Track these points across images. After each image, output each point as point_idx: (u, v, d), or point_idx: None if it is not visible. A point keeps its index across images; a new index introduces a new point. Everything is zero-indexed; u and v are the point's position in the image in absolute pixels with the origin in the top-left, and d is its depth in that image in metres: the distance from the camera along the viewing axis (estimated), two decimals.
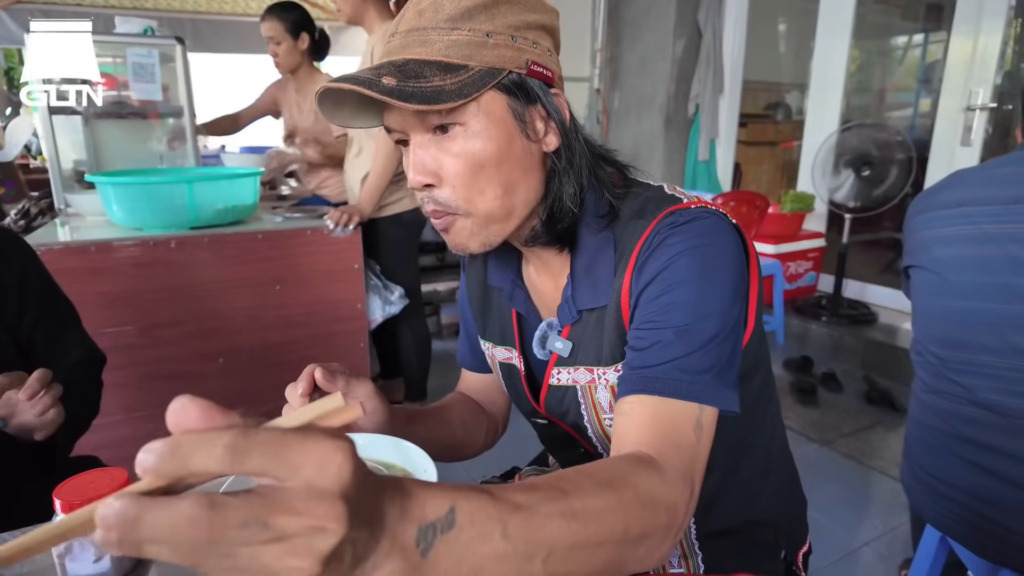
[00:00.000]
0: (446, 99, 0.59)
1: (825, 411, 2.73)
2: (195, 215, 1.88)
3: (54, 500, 0.59)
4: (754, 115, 4.59)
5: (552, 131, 0.67)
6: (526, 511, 0.40)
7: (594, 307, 0.71)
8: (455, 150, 0.63)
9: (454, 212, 0.65)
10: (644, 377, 0.60)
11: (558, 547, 0.41)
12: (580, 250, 0.73)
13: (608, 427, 0.76)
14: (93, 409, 1.13)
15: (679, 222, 0.64)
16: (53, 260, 1.71)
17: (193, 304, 1.93)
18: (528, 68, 0.64)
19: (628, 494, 0.47)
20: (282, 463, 0.27)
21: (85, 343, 1.14)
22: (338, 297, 2.10)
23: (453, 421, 0.92)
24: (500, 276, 0.84)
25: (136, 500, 0.26)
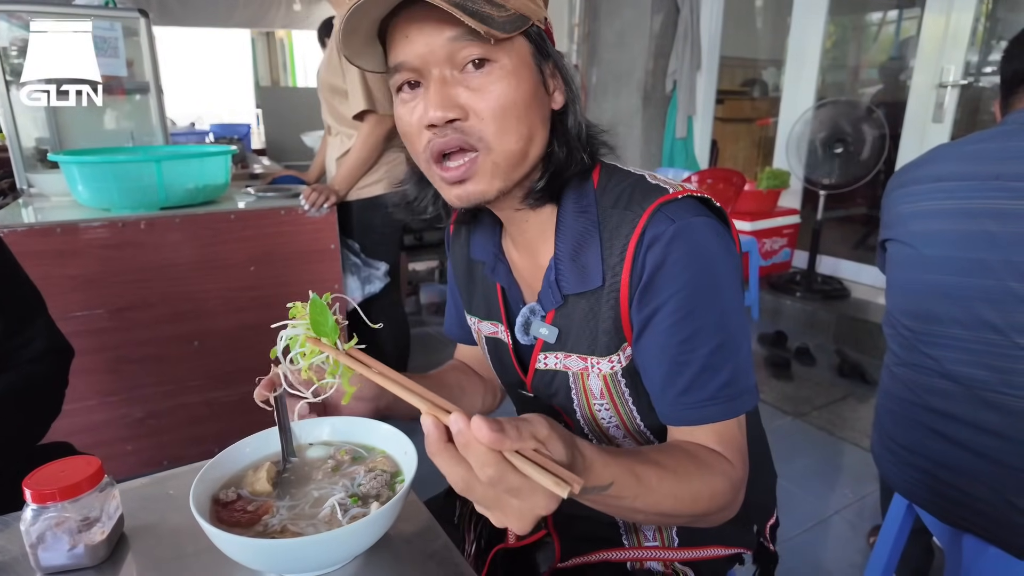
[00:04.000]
0: (497, 27, 0.59)
1: (799, 384, 2.79)
2: (165, 195, 1.83)
3: (24, 489, 0.58)
4: (731, 92, 4.59)
5: (559, 89, 0.68)
6: (652, 491, 0.58)
7: (582, 291, 0.72)
8: (488, 86, 0.62)
9: (474, 148, 0.63)
10: (698, 410, 0.67)
11: (663, 512, 0.61)
12: (563, 232, 0.73)
13: (597, 412, 0.77)
14: (55, 406, 1.09)
15: (679, 230, 0.64)
16: (17, 243, 1.66)
17: (165, 286, 1.89)
18: (545, 25, 0.67)
19: (719, 480, 0.64)
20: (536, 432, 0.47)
21: (49, 334, 1.09)
22: (314, 277, 2.07)
23: (451, 384, 0.94)
24: (482, 249, 0.83)
25: None
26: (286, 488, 0.67)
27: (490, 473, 0.45)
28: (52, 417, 1.09)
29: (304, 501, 0.64)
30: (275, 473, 0.68)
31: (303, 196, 2.02)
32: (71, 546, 0.60)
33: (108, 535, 0.62)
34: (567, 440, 0.50)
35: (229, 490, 0.64)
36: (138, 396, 1.91)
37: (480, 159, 0.64)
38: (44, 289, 1.15)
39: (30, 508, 0.58)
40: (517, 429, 0.46)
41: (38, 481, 0.59)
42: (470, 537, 0.96)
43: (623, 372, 0.73)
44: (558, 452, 0.48)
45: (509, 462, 0.45)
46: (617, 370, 0.73)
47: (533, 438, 0.47)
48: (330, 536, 0.55)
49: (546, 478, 0.45)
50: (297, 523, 0.61)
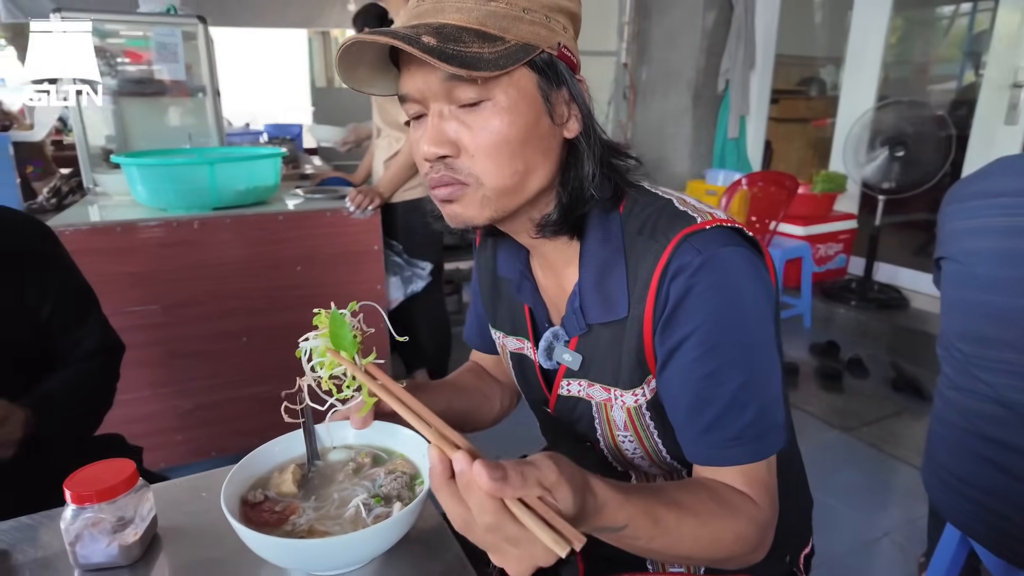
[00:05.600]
0: (485, 67, 0.57)
1: (849, 397, 2.68)
2: (217, 196, 1.90)
3: (65, 490, 0.61)
4: (786, 91, 4.43)
5: (574, 117, 0.66)
6: (670, 533, 0.57)
7: (606, 321, 0.70)
8: (480, 123, 0.61)
9: (464, 182, 0.63)
10: (722, 451, 0.64)
11: (682, 554, 0.60)
12: (587, 260, 0.71)
13: (621, 444, 0.75)
14: (105, 401, 1.15)
15: (706, 260, 0.62)
16: (80, 241, 1.76)
17: (216, 284, 1.96)
18: (559, 50, 0.63)
19: (743, 523, 0.61)
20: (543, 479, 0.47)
21: (102, 332, 1.15)
22: (357, 278, 2.12)
23: (469, 388, 0.94)
24: (508, 266, 0.83)
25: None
26: (311, 489, 0.69)
27: (488, 520, 0.45)
28: (104, 411, 1.15)
29: (329, 502, 0.66)
30: (300, 475, 0.70)
31: (348, 198, 2.07)
32: (107, 545, 0.63)
33: (141, 536, 0.65)
34: (577, 484, 0.49)
35: (256, 491, 0.66)
36: (188, 389, 1.99)
37: (469, 192, 0.63)
38: (103, 285, 1.20)
39: (70, 508, 0.62)
40: (522, 475, 0.45)
41: (77, 483, 0.62)
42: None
43: (648, 405, 0.71)
44: (565, 501, 0.47)
45: (509, 511, 0.45)
46: (642, 403, 0.71)
47: (539, 485, 0.46)
48: (358, 536, 0.58)
49: (545, 533, 0.44)
50: (324, 523, 0.63)
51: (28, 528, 0.69)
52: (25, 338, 1.04)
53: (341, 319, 0.61)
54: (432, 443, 0.49)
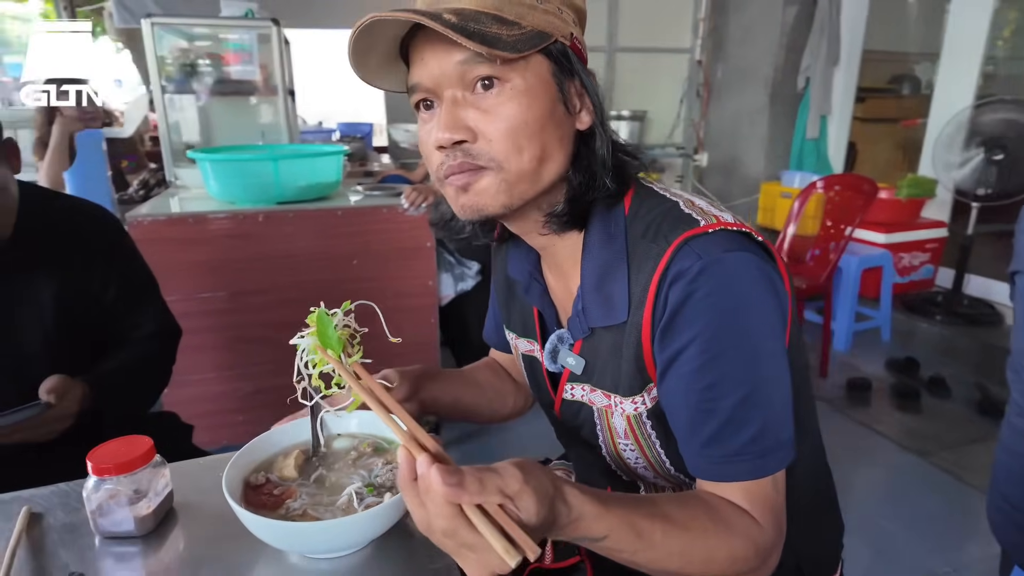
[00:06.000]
0: (505, 48, 0.57)
1: (927, 419, 2.49)
2: (281, 191, 1.99)
3: (87, 462, 0.66)
4: (874, 89, 4.16)
5: (586, 109, 0.66)
6: (654, 547, 0.55)
7: (607, 325, 0.68)
8: (497, 107, 0.60)
9: (484, 167, 0.62)
10: (722, 466, 0.61)
11: (670, 571, 0.58)
12: (588, 261, 0.69)
13: (623, 452, 0.73)
14: (162, 380, 1.23)
15: (706, 265, 0.59)
16: (156, 230, 1.89)
17: (277, 275, 2.06)
18: (571, 41, 0.64)
19: (739, 542, 0.58)
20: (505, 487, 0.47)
21: (161, 317, 1.23)
22: (410, 273, 2.17)
23: (483, 383, 0.94)
24: (518, 268, 0.82)
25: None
26: (311, 475, 0.71)
27: (443, 525, 0.45)
28: (159, 390, 1.23)
29: (325, 488, 0.68)
30: (303, 460, 0.72)
31: (404, 195, 2.12)
32: (123, 516, 0.67)
33: (155, 509, 0.69)
34: (544, 494, 0.48)
35: (259, 474, 0.70)
36: (250, 373, 2.10)
37: (485, 178, 0.62)
38: (176, 271, 1.29)
39: (92, 479, 0.66)
40: (480, 482, 0.45)
41: (98, 456, 0.67)
42: None
43: (648, 414, 0.69)
44: (528, 510, 0.47)
45: (465, 516, 0.45)
46: (642, 412, 0.69)
47: (500, 492, 0.46)
48: (344, 522, 0.60)
49: (498, 541, 0.44)
50: (316, 508, 0.65)
51: (63, 495, 0.75)
52: (92, 320, 1.13)
53: (327, 318, 0.63)
54: (402, 444, 0.49)
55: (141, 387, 1.17)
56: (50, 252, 1.07)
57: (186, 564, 0.67)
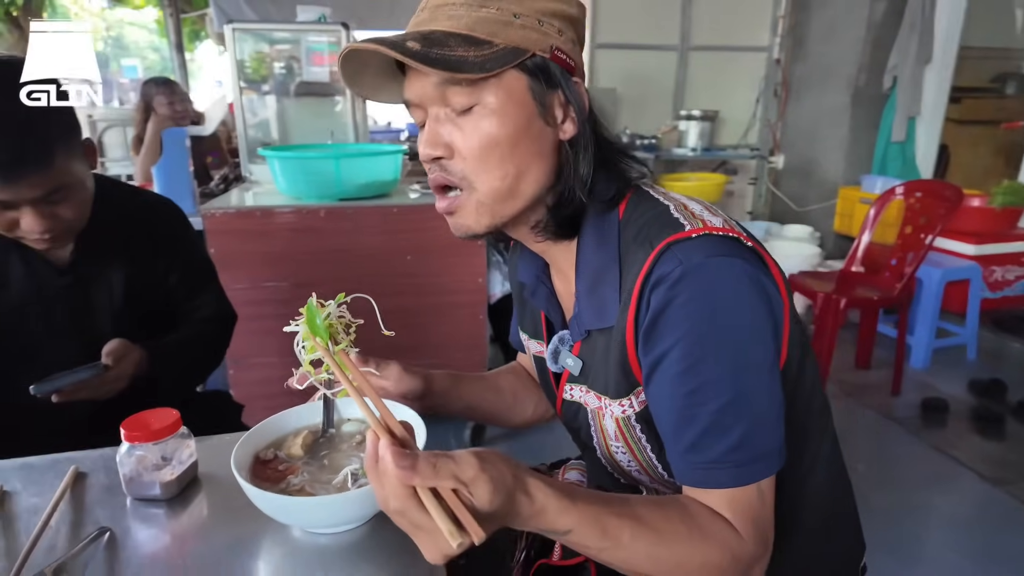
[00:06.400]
0: (467, 69, 0.59)
1: (1011, 447, 2.30)
2: (342, 188, 2.09)
3: (121, 429, 0.73)
4: (972, 89, 3.86)
5: (570, 119, 0.66)
6: (621, 547, 0.56)
7: (599, 328, 0.69)
8: (471, 126, 0.63)
9: (459, 185, 0.65)
10: (703, 473, 0.61)
11: (639, 572, 0.58)
12: (582, 265, 0.70)
13: (615, 453, 0.74)
14: (214, 360, 1.33)
15: (686, 271, 0.59)
16: (228, 222, 2.03)
17: (336, 268, 2.16)
18: (552, 53, 0.64)
19: (714, 551, 0.58)
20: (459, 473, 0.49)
21: (218, 302, 1.33)
22: (461, 271, 2.21)
23: (503, 388, 0.96)
24: (526, 271, 0.84)
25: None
26: (315, 455, 0.76)
27: (395, 505, 0.48)
28: (211, 368, 1.33)
29: (326, 468, 0.73)
30: (311, 440, 0.77)
31: None
32: (150, 481, 0.74)
33: (179, 476, 0.76)
34: (502, 484, 0.50)
35: (270, 450, 0.75)
36: None
37: (463, 198, 0.65)
38: (244, 261, 1.38)
39: (125, 445, 0.74)
40: (433, 467, 0.47)
41: (131, 425, 0.74)
42: (520, 545, 0.97)
43: (637, 417, 0.69)
44: (481, 497, 0.49)
45: (417, 498, 0.47)
46: (630, 415, 0.69)
47: (454, 478, 0.48)
48: (335, 498, 0.64)
49: (445, 523, 0.46)
50: (313, 485, 0.70)
51: (107, 459, 0.83)
52: (155, 302, 1.23)
53: (314, 309, 0.67)
54: (371, 427, 0.52)
55: (194, 362, 1.27)
56: (122, 240, 1.17)
57: (203, 528, 0.73)
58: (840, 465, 0.80)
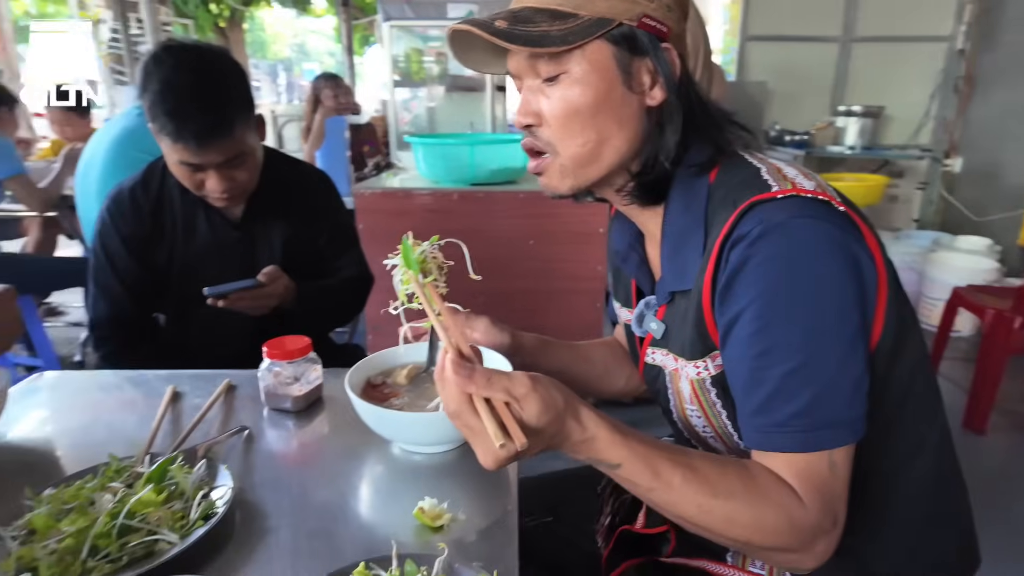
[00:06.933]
0: (549, 43, 0.63)
1: None
2: (474, 173, 2.22)
3: (263, 348, 0.88)
4: None
5: (659, 86, 0.68)
6: (672, 490, 0.58)
7: (680, 290, 0.70)
8: (556, 95, 0.67)
9: (546, 151, 0.70)
10: (767, 436, 0.61)
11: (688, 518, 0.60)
12: (668, 227, 0.72)
13: (690, 416, 0.75)
14: (349, 311, 1.51)
15: (767, 229, 0.59)
16: (374, 201, 2.25)
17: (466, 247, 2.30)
18: (639, 21, 0.65)
19: (771, 513, 0.57)
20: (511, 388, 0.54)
21: (358, 265, 1.50)
22: (580, 257, 2.25)
23: (594, 358, 0.99)
24: (620, 238, 0.85)
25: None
26: (416, 386, 0.86)
27: (451, 408, 0.55)
28: (344, 318, 1.53)
29: (424, 397, 0.83)
30: (415, 374, 0.88)
31: None
32: (283, 395, 0.88)
33: (306, 394, 0.89)
34: (553, 405, 0.55)
35: (379, 376, 0.86)
36: None
37: (549, 160, 0.70)
38: (386, 236, 1.54)
39: (265, 362, 0.88)
40: (487, 379, 0.54)
41: (271, 345, 0.88)
42: (606, 510, 1.00)
43: (712, 381, 0.69)
44: (530, 413, 0.54)
45: (472, 405, 0.54)
46: (704, 377, 0.69)
47: (506, 391, 0.54)
48: (422, 416, 0.75)
49: (492, 427, 0.52)
50: (411, 407, 0.80)
51: (252, 376, 0.99)
52: (307, 260, 1.42)
53: (408, 246, 0.75)
54: (444, 345, 0.59)
55: (330, 307, 1.44)
56: (283, 203, 1.36)
57: (321, 438, 0.86)
58: (952, 462, 0.75)
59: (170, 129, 1.10)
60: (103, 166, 2.04)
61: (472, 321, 0.89)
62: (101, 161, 2.04)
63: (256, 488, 0.73)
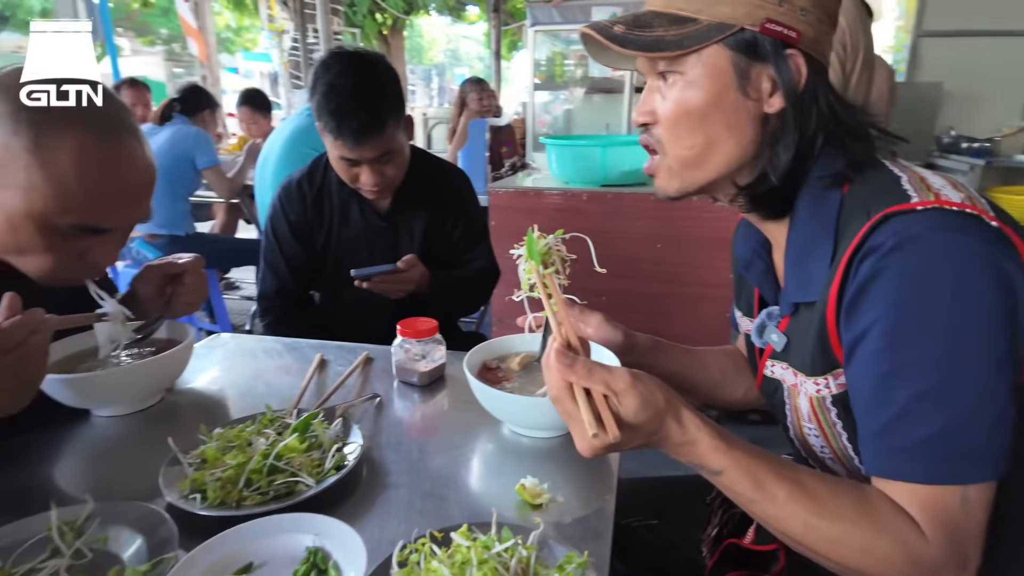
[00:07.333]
0: (663, 48, 0.64)
1: None
2: (605, 174, 2.24)
3: (397, 326, 0.97)
4: None
5: (779, 93, 0.65)
6: (775, 504, 0.57)
7: (804, 301, 0.67)
8: (669, 95, 0.67)
9: (657, 150, 0.70)
10: (890, 461, 0.57)
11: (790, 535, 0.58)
12: (795, 235, 0.69)
13: (807, 435, 0.72)
14: (477, 300, 1.61)
15: (902, 241, 0.55)
16: (507, 199, 2.34)
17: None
18: (762, 26, 0.63)
19: (885, 543, 0.54)
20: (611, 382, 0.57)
21: (488, 259, 1.59)
22: (712, 263, 2.18)
23: (711, 365, 0.97)
24: (744, 244, 0.83)
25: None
26: (529, 373, 0.91)
27: (552, 394, 0.59)
28: (472, 306, 1.62)
29: (535, 384, 0.88)
30: (528, 361, 0.93)
31: None
32: (412, 370, 0.97)
33: (430, 370, 0.98)
34: (652, 404, 0.56)
35: (494, 360, 0.93)
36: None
37: (659, 161, 0.70)
38: (514, 233, 1.62)
39: (398, 339, 0.98)
40: (588, 370, 0.56)
41: (404, 324, 0.98)
42: (714, 520, 0.98)
43: (833, 400, 0.66)
44: (628, 408, 0.56)
45: (572, 393, 0.57)
46: (825, 396, 0.66)
47: (605, 384, 0.56)
48: (532, 400, 0.80)
49: (588, 415, 0.55)
50: (521, 392, 0.85)
51: (387, 353, 1.10)
52: (442, 250, 1.53)
53: (532, 238, 0.78)
54: (554, 335, 0.63)
55: (461, 295, 1.54)
56: (425, 198, 1.48)
57: (441, 412, 0.95)
58: None
59: (332, 126, 1.24)
60: (277, 160, 2.33)
61: (586, 316, 0.92)
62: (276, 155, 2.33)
63: (382, 448, 0.82)
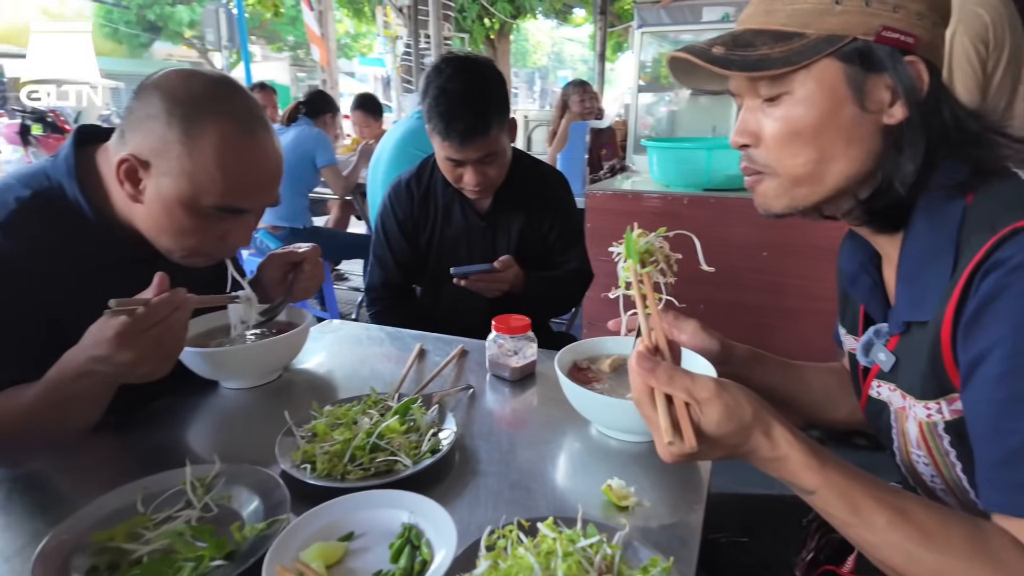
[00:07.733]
0: (768, 66, 0.61)
1: None
2: (709, 178, 2.18)
3: (492, 323, 1.01)
4: None
5: (900, 103, 0.61)
6: (874, 531, 0.54)
7: (916, 320, 0.63)
8: (776, 115, 0.64)
9: (762, 171, 0.68)
10: (1011, 496, 0.53)
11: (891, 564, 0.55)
12: (909, 248, 0.65)
13: (915, 462, 0.68)
14: (570, 301, 1.64)
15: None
16: (604, 201, 2.34)
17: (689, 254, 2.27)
18: (877, 34, 0.60)
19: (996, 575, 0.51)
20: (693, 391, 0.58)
21: (581, 261, 1.60)
22: (820, 274, 2.06)
23: (813, 382, 0.93)
24: (850, 258, 0.79)
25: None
26: (618, 376, 0.92)
27: (634, 396, 0.60)
28: (564, 307, 1.66)
29: (624, 386, 0.88)
30: (618, 364, 0.94)
31: None
32: (504, 364, 1.01)
33: (522, 366, 1.01)
34: (733, 414, 0.56)
35: (585, 361, 0.94)
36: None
37: (765, 181, 0.68)
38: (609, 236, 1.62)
39: (492, 334, 1.02)
40: (669, 376, 0.57)
41: (499, 320, 1.02)
42: (810, 544, 0.94)
43: (946, 427, 0.61)
44: (710, 418, 0.55)
45: (652, 396, 0.57)
46: (936, 421, 0.62)
47: (686, 391, 0.56)
48: (619, 402, 0.80)
49: (665, 421, 0.55)
50: (610, 393, 0.86)
51: (481, 346, 1.14)
52: (537, 250, 1.56)
53: (631, 237, 0.78)
54: (642, 338, 0.64)
55: (552, 297, 1.57)
56: (523, 200, 1.52)
57: (530, 406, 0.97)
58: None
59: (441, 128, 1.30)
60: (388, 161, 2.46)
61: (681, 323, 0.91)
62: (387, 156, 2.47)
63: (474, 437, 0.86)
